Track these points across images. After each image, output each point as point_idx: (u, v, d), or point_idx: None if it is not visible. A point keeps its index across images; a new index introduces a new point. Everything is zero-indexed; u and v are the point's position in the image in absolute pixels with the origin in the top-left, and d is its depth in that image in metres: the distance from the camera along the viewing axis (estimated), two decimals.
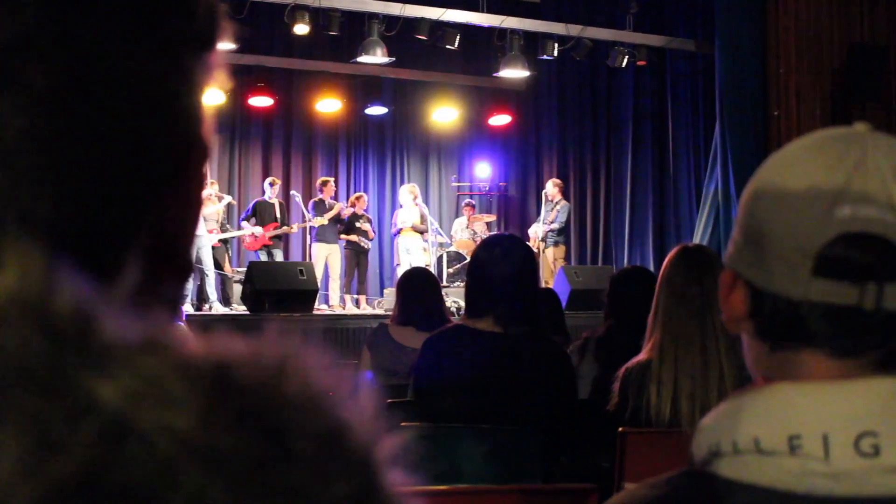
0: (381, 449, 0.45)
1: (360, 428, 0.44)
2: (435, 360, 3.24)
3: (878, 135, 0.94)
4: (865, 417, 0.87)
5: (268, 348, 0.45)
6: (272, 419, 0.41)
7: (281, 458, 0.41)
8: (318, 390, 0.44)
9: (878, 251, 0.89)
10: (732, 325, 1.00)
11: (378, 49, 12.61)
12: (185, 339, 0.44)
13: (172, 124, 0.53)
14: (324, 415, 0.43)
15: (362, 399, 0.46)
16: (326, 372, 0.45)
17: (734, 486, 0.91)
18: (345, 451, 0.43)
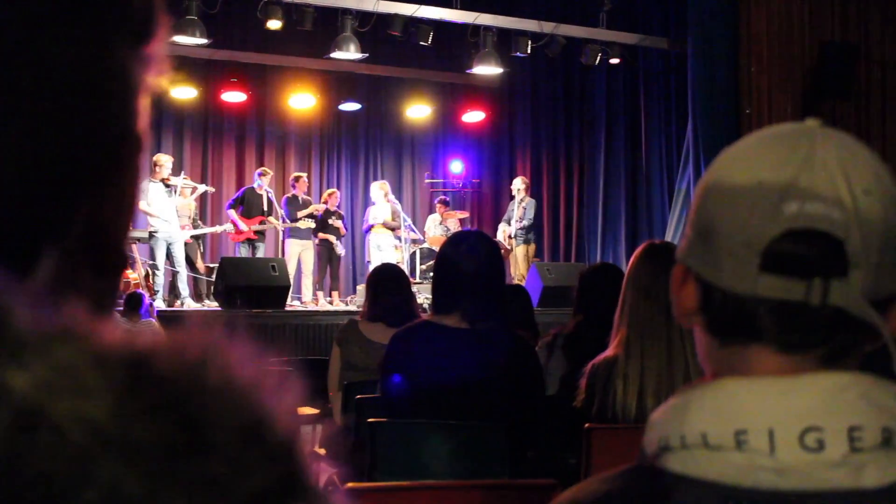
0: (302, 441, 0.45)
1: (282, 419, 0.44)
2: (402, 356, 3.24)
3: (828, 131, 0.95)
4: (810, 412, 0.88)
5: (189, 340, 0.44)
6: (190, 410, 0.41)
7: (198, 448, 0.40)
8: (240, 382, 0.44)
9: (825, 247, 0.89)
10: (683, 319, 1.01)
11: (352, 45, 12.60)
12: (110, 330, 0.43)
13: (104, 118, 0.52)
14: (244, 406, 0.43)
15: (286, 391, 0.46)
16: (249, 364, 0.45)
17: (682, 480, 0.91)
18: (265, 442, 0.43)
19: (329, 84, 15.63)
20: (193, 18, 12.02)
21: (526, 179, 14.06)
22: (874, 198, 0.91)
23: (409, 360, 3.22)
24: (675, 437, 0.93)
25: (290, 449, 0.44)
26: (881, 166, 0.94)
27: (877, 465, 0.87)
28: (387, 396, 3.25)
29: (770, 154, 0.93)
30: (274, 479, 0.42)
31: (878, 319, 0.90)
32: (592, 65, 13.62)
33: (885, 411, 0.88)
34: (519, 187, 13.72)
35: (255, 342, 0.47)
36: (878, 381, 0.91)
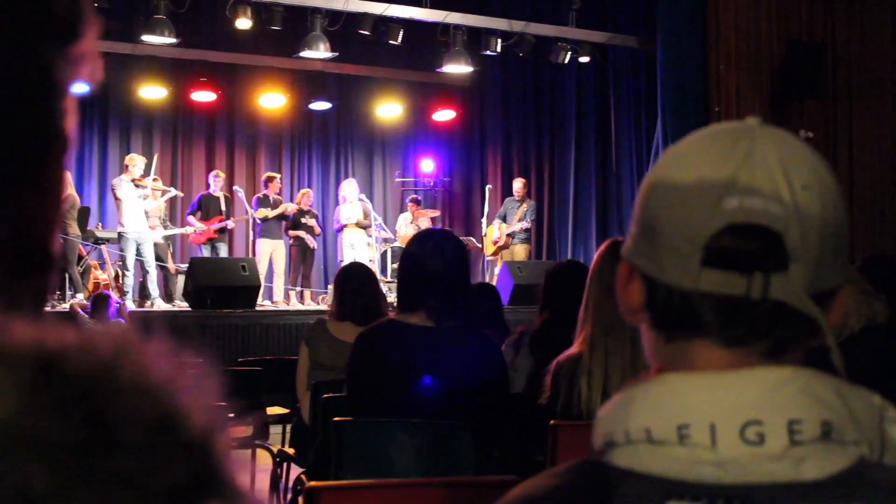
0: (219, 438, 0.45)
1: (198, 416, 0.44)
2: (368, 355, 3.24)
3: (768, 128, 0.96)
4: (751, 406, 0.88)
5: (102, 337, 0.44)
6: (100, 407, 0.41)
7: (109, 445, 0.40)
8: (154, 379, 0.44)
9: (764, 241, 0.90)
10: (630, 316, 1.01)
11: (321, 44, 12.58)
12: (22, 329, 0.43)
13: (27, 118, 0.52)
14: (156, 403, 0.43)
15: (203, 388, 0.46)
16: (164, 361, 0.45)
17: (627, 475, 0.92)
18: (179, 438, 0.43)
19: (299, 83, 15.59)
20: (162, 18, 11.97)
21: (524, 180, 14.17)
22: (813, 193, 0.92)
23: (374, 360, 3.22)
24: (620, 432, 0.93)
25: (205, 445, 0.44)
26: (819, 162, 0.95)
27: (816, 458, 0.88)
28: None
29: (711, 151, 0.94)
30: (188, 475, 0.42)
31: (817, 313, 0.91)
32: (562, 63, 13.66)
33: (824, 405, 0.89)
34: (518, 189, 13.82)
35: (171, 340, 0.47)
36: (818, 374, 0.91)
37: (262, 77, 15.39)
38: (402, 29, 12.83)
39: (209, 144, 16.12)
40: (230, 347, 10.09)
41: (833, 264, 0.94)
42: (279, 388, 6.51)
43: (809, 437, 0.88)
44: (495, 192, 15.46)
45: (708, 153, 0.94)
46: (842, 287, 0.98)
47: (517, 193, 13.82)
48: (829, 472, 0.88)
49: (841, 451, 0.89)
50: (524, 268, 11.90)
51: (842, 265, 0.96)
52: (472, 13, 13.30)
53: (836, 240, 0.94)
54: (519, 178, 14.41)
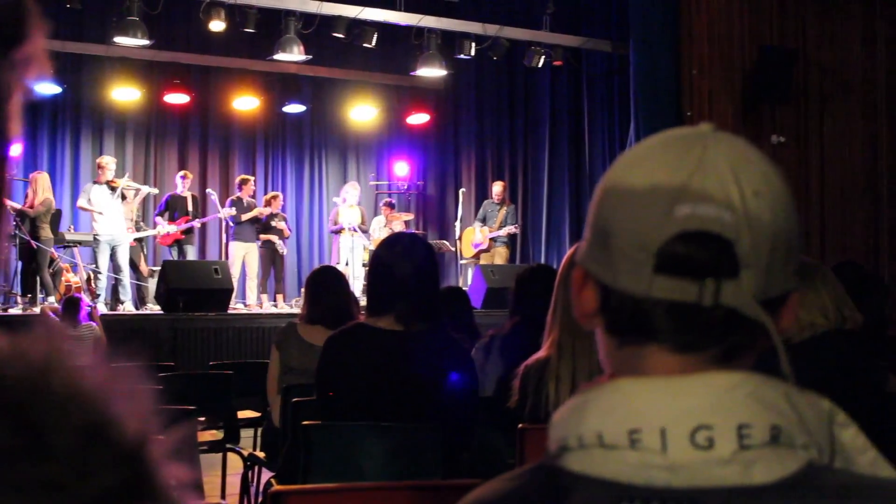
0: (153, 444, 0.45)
1: (130, 423, 0.44)
2: (336, 359, 3.24)
3: (721, 134, 0.96)
4: (701, 411, 0.89)
5: (33, 345, 0.45)
6: (29, 414, 0.41)
7: (37, 452, 0.41)
8: (85, 386, 0.44)
9: (716, 249, 0.91)
10: (584, 321, 1.02)
11: (295, 47, 12.56)
12: None
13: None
14: (88, 410, 0.43)
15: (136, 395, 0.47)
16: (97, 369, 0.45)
17: (580, 479, 0.93)
18: (108, 445, 0.43)
19: (273, 86, 15.55)
20: (135, 19, 11.92)
21: (504, 184, 14.17)
22: (764, 200, 0.93)
23: (343, 363, 3.22)
24: (573, 436, 0.94)
25: (137, 452, 0.44)
26: (771, 168, 0.96)
27: (765, 462, 0.89)
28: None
29: (664, 157, 0.95)
30: (118, 481, 0.42)
31: (766, 319, 0.92)
32: (536, 67, 13.69)
33: (773, 409, 0.90)
34: (498, 192, 13.81)
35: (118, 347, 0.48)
36: (768, 379, 0.92)
37: (235, 79, 15.36)
38: (376, 32, 12.82)
39: (182, 147, 16.05)
40: (202, 351, 10.06)
41: (784, 270, 0.95)
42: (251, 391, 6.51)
43: (758, 441, 0.88)
44: (469, 195, 15.48)
45: (661, 159, 0.95)
46: (793, 292, 0.99)
47: (497, 196, 13.82)
48: (777, 476, 0.89)
49: (790, 456, 0.90)
50: (497, 271, 11.92)
51: (793, 271, 0.97)
52: (446, 17, 13.30)
53: (786, 246, 0.95)
54: (498, 181, 14.41)
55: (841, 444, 0.97)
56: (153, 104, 15.30)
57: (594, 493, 0.91)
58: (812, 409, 0.94)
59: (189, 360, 9.77)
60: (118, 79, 14.55)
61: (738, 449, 0.88)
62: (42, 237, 11.59)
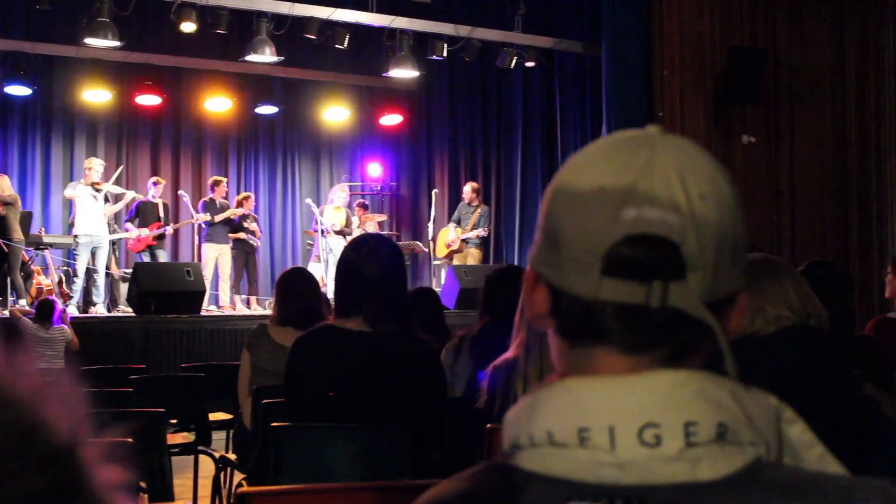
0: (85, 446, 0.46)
1: (60, 426, 0.45)
2: (304, 360, 3.25)
3: (668, 137, 0.97)
4: (649, 409, 0.90)
5: None
6: None
7: None
8: (14, 390, 0.45)
9: (662, 251, 0.92)
10: (536, 322, 1.03)
11: (267, 48, 12.52)
12: None
13: None
14: (17, 413, 0.44)
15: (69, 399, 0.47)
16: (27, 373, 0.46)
17: (532, 477, 0.94)
18: (39, 447, 0.43)
19: (245, 87, 15.52)
20: (105, 20, 11.85)
21: (476, 185, 14.14)
22: (710, 202, 0.94)
23: (311, 365, 3.22)
24: (525, 435, 0.95)
25: (68, 454, 0.45)
26: (717, 171, 0.97)
27: (712, 459, 0.90)
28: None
29: (611, 160, 0.96)
30: (46, 483, 0.43)
31: (711, 320, 0.93)
32: (508, 68, 13.71)
33: (719, 407, 0.91)
34: (470, 194, 13.81)
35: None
36: (714, 377, 0.94)
37: (207, 81, 15.31)
38: (349, 33, 12.81)
39: (154, 148, 15.98)
40: (174, 353, 10.02)
41: (730, 271, 0.96)
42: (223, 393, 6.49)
43: (705, 438, 0.90)
44: (442, 196, 15.48)
45: (608, 162, 0.96)
46: (741, 292, 1.00)
47: (468, 198, 13.82)
48: (724, 473, 0.90)
49: (737, 452, 0.91)
50: (470, 272, 11.93)
51: (740, 272, 0.98)
52: (418, 18, 13.30)
53: (733, 247, 0.96)
54: (471, 182, 14.42)
55: (789, 440, 0.98)
56: (125, 105, 15.22)
57: (545, 490, 0.93)
58: (759, 405, 0.95)
59: (161, 362, 9.74)
60: (89, 80, 14.48)
61: (684, 446, 0.89)
62: (14, 238, 11.52)
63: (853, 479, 0.95)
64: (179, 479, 6.35)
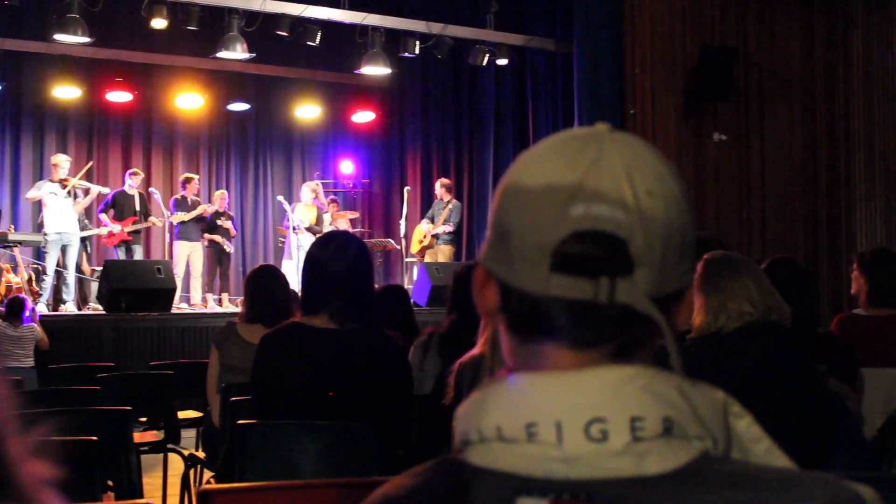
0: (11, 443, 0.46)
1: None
2: (271, 358, 3.24)
3: (617, 134, 0.98)
4: (595, 404, 0.91)
5: None
6: None
7: None
8: None
9: (609, 248, 0.93)
10: (487, 318, 1.04)
11: (238, 45, 12.47)
12: None
13: None
14: None
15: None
16: None
17: (481, 472, 0.94)
18: None
19: (217, 84, 15.46)
20: (75, 17, 11.78)
21: (447, 181, 14.12)
22: (656, 199, 0.94)
23: (277, 362, 3.22)
24: (474, 430, 0.96)
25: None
26: (665, 168, 0.97)
27: (658, 453, 0.91)
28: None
29: (560, 157, 0.97)
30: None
31: (658, 316, 0.94)
32: (480, 65, 13.72)
33: (666, 402, 0.92)
34: (440, 190, 13.80)
35: None
36: (661, 373, 0.94)
37: (179, 77, 15.24)
38: (320, 30, 12.78)
39: (125, 145, 15.89)
40: (145, 351, 9.98)
41: (678, 267, 0.97)
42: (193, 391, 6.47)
43: (651, 433, 0.90)
44: (415, 193, 15.49)
45: (557, 159, 0.97)
46: (688, 288, 1.01)
47: (440, 193, 13.83)
48: (671, 467, 0.91)
49: (683, 446, 0.92)
50: (442, 269, 11.93)
51: (687, 267, 0.99)
52: (390, 15, 13.30)
53: (680, 243, 0.97)
54: (442, 178, 14.42)
55: (737, 434, 0.99)
56: (95, 102, 15.13)
57: (494, 485, 0.93)
58: (706, 400, 0.96)
59: (131, 360, 9.69)
60: (59, 76, 14.39)
61: (631, 441, 0.90)
62: None
63: (797, 471, 0.96)
64: (149, 477, 6.33)
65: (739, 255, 3.33)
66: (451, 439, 1.04)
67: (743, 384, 3.35)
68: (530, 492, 0.91)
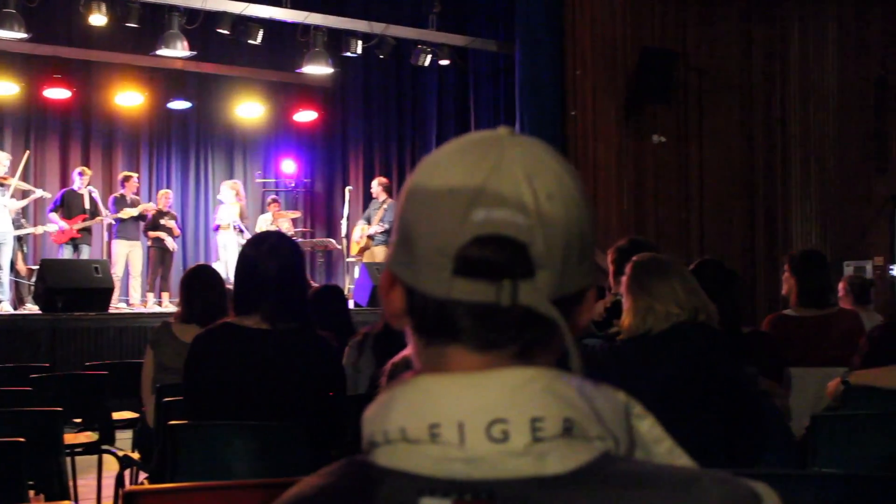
0: None
1: None
2: (203, 358, 3.23)
3: (518, 138, 1.00)
4: (497, 405, 0.93)
5: None
6: None
7: None
8: None
9: (510, 251, 0.94)
10: (394, 321, 1.05)
11: (179, 42, 12.38)
12: None
13: None
14: None
15: None
16: None
17: (386, 472, 0.95)
18: None
19: (157, 82, 15.29)
20: (11, 12, 11.62)
21: (384, 180, 14.05)
22: (556, 202, 0.96)
23: (209, 362, 3.21)
24: (380, 432, 0.97)
25: None
26: (565, 171, 0.99)
27: (558, 453, 0.92)
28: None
29: (462, 161, 0.98)
30: None
31: (558, 317, 0.95)
32: (423, 66, 13.74)
33: (566, 403, 0.94)
34: (377, 189, 13.76)
35: None
36: (562, 374, 0.96)
37: (118, 75, 15.03)
38: (262, 29, 12.73)
39: (63, 143, 15.65)
40: (82, 352, 9.86)
41: (579, 269, 0.99)
42: (129, 392, 6.41)
43: (551, 433, 0.92)
44: (356, 193, 15.46)
45: (459, 163, 0.98)
46: (590, 289, 1.03)
47: (376, 193, 13.81)
48: (571, 466, 0.92)
49: (584, 446, 0.93)
50: (383, 269, 11.90)
51: (588, 269, 1.01)
52: (333, 14, 13.27)
53: (580, 246, 0.98)
54: (379, 177, 14.40)
55: (640, 435, 1.01)
56: (32, 99, 14.88)
57: (399, 486, 0.94)
58: (607, 401, 0.97)
59: (68, 361, 9.57)
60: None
61: (531, 441, 0.91)
62: None
63: (697, 470, 0.98)
64: (84, 479, 6.27)
65: (667, 257, 3.37)
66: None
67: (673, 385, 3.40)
68: (433, 492, 0.92)
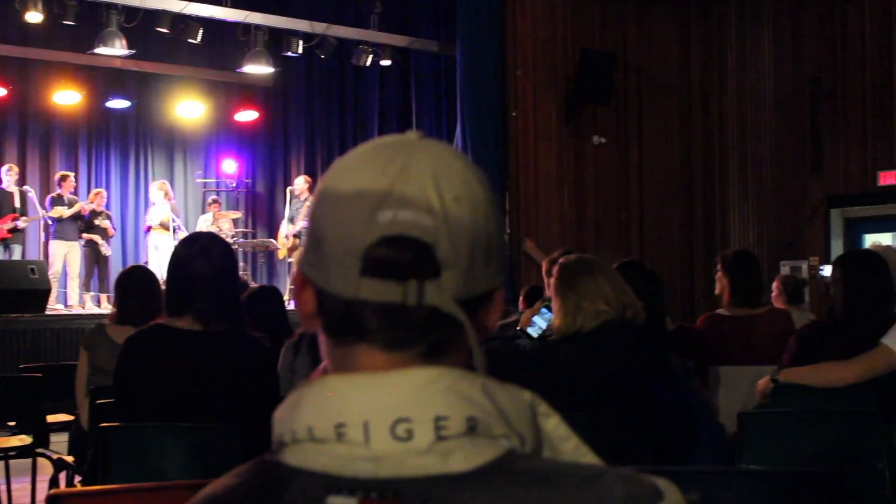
0: None
1: None
2: (135, 360, 3.21)
3: (426, 142, 1.02)
4: (402, 404, 0.94)
5: None
6: None
7: None
8: None
9: (416, 252, 0.96)
10: (306, 322, 1.06)
11: (117, 41, 12.23)
12: None
13: None
14: None
15: None
16: None
17: (295, 472, 0.97)
18: None
19: (95, 80, 15.10)
20: None
21: (309, 179, 14.00)
22: (463, 204, 0.98)
23: (140, 364, 3.19)
24: (288, 431, 0.98)
25: None
26: (472, 174, 1.01)
27: (462, 452, 0.94)
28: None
29: (371, 164, 1.00)
30: None
31: (462, 317, 0.97)
32: (364, 66, 13.72)
33: (470, 402, 0.95)
34: (302, 187, 13.68)
35: None
36: (466, 373, 0.98)
37: (55, 73, 14.82)
38: (202, 28, 12.64)
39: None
40: (18, 354, 9.73)
41: (485, 270, 1.00)
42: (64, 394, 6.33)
43: (455, 432, 0.94)
44: None
45: (368, 165, 0.99)
46: (498, 290, 1.05)
47: (300, 190, 13.74)
48: (475, 465, 0.94)
49: (488, 445, 0.95)
50: None
51: (495, 270, 1.03)
52: (273, 14, 13.20)
53: (487, 247, 1.00)
54: (302, 175, 14.33)
55: (546, 433, 1.03)
56: None
57: (307, 485, 0.95)
58: (512, 400, 0.99)
59: (3, 363, 9.45)
60: None
61: (435, 440, 0.93)
62: None
63: (600, 467, 1.00)
64: (18, 482, 6.19)
65: (592, 257, 3.42)
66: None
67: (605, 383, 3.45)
68: (339, 490, 0.94)
